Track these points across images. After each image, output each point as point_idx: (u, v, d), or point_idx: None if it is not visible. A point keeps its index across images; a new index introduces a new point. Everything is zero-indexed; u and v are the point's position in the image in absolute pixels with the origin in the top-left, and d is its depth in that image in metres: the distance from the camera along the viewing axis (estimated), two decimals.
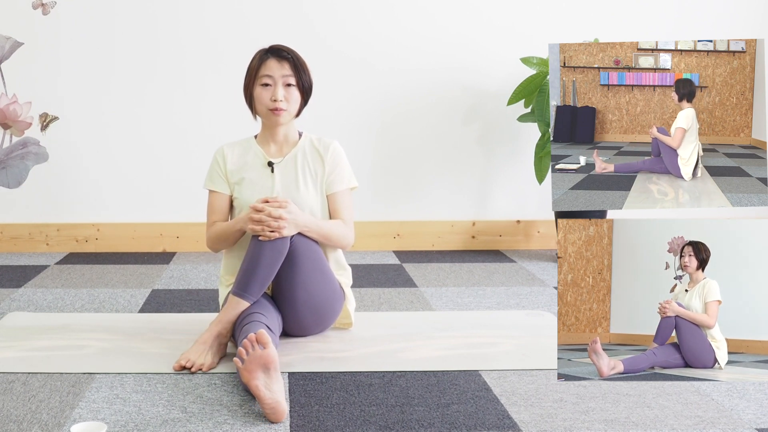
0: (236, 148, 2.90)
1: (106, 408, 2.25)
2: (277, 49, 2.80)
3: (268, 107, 2.78)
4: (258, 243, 2.63)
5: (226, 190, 2.87)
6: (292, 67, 2.78)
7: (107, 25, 4.49)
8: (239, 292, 2.63)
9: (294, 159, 2.85)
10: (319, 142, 2.89)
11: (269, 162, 2.84)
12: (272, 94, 2.76)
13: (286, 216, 2.63)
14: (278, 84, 2.76)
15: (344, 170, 2.88)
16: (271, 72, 2.77)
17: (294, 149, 2.86)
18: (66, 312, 3.28)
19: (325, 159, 2.85)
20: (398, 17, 4.60)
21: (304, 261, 2.69)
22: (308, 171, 2.84)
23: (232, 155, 2.88)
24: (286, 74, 2.77)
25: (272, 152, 2.87)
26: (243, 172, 2.85)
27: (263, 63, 2.78)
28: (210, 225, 2.88)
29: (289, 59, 2.78)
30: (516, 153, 4.70)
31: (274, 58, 2.78)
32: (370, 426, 2.14)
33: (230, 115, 4.55)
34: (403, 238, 4.69)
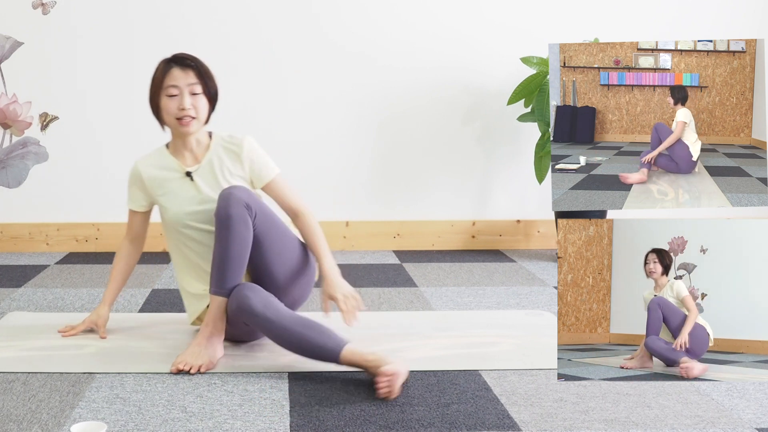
0: (150, 163, 2.85)
1: (106, 408, 2.25)
2: (180, 58, 2.75)
3: (176, 117, 2.72)
4: (222, 237, 2.61)
5: (145, 206, 2.89)
6: (197, 74, 2.72)
7: (107, 25, 4.49)
8: (217, 290, 2.62)
9: (210, 164, 2.80)
10: (230, 141, 2.83)
11: (187, 172, 2.79)
12: (179, 103, 2.71)
13: (350, 291, 2.68)
14: (184, 93, 2.71)
15: (265, 161, 2.84)
16: (176, 82, 2.71)
17: (208, 154, 2.81)
18: (66, 312, 3.28)
19: (242, 157, 2.80)
20: (400, 15, 4.60)
21: (271, 238, 2.69)
22: (227, 173, 2.80)
23: (147, 170, 2.84)
24: (191, 82, 2.72)
25: (187, 161, 2.82)
26: (164, 186, 2.82)
27: (167, 73, 2.72)
28: (125, 237, 2.98)
29: (193, 67, 2.73)
30: (516, 153, 4.70)
31: (177, 67, 2.72)
32: (370, 426, 2.14)
33: (230, 115, 4.55)
34: (403, 237, 4.69)
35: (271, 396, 2.35)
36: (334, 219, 4.62)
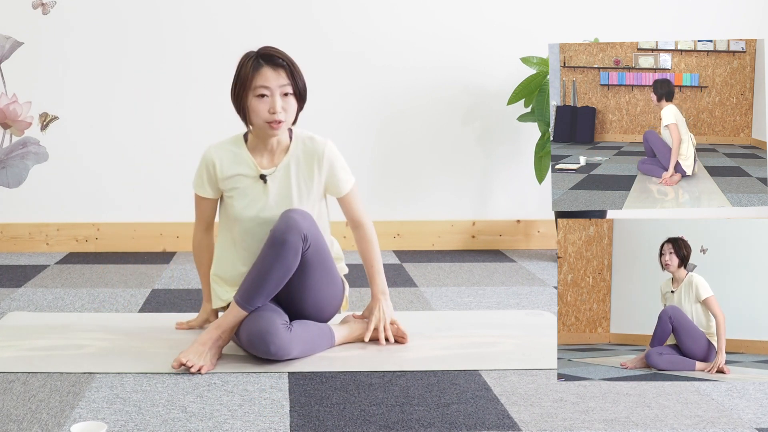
0: (225, 153, 2.76)
1: (106, 408, 2.25)
2: (271, 56, 2.62)
3: (266, 120, 2.62)
4: (269, 257, 2.58)
5: (214, 195, 2.79)
6: (288, 74, 2.62)
7: (107, 25, 4.49)
8: (243, 303, 2.60)
9: (287, 168, 2.72)
10: (312, 144, 2.75)
11: (261, 175, 2.72)
12: (270, 106, 2.60)
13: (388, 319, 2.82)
14: (276, 95, 2.61)
15: (344, 171, 2.80)
16: (267, 83, 2.60)
17: (286, 157, 2.73)
18: (66, 312, 3.28)
19: (322, 162, 2.74)
20: (399, 15, 4.60)
21: (314, 270, 2.67)
22: (302, 180, 2.73)
23: (221, 162, 2.74)
24: (283, 83, 2.61)
25: (264, 162, 2.73)
26: (235, 182, 2.73)
27: (258, 72, 2.61)
28: (197, 227, 2.88)
29: (284, 66, 2.62)
30: (516, 153, 4.70)
31: (269, 67, 2.61)
32: (370, 426, 2.14)
33: (230, 115, 4.54)
34: (403, 237, 4.69)
35: (271, 396, 2.35)
36: (334, 219, 4.61)
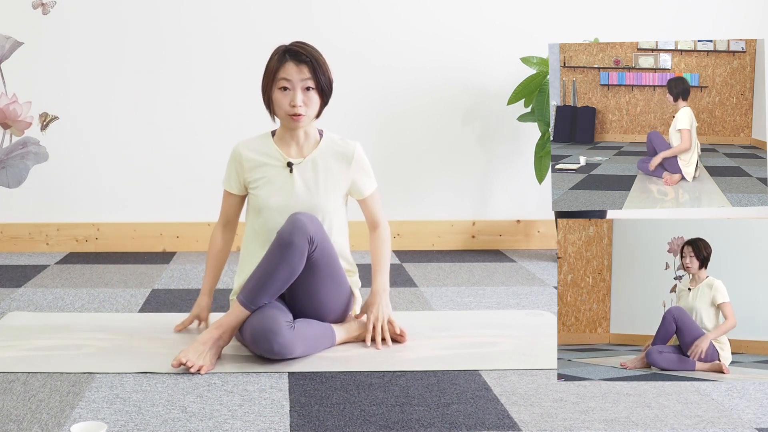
0: (252, 147, 2.83)
1: (106, 408, 2.25)
2: (296, 52, 2.70)
3: (287, 112, 2.71)
4: (274, 258, 2.61)
5: (240, 191, 2.87)
6: (311, 70, 2.69)
7: (107, 25, 4.49)
8: (246, 303, 2.62)
9: (314, 162, 2.79)
10: (341, 144, 2.83)
11: (288, 162, 2.78)
12: (291, 99, 2.69)
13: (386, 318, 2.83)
14: (297, 88, 2.68)
15: (369, 174, 2.88)
16: (289, 76, 2.68)
17: (315, 151, 2.80)
18: (66, 312, 3.28)
19: (350, 164, 2.82)
20: (399, 15, 4.60)
21: (320, 272, 2.69)
22: (329, 176, 2.80)
23: (248, 153, 2.81)
24: (304, 78, 2.68)
25: (292, 153, 2.81)
26: (261, 172, 2.79)
27: (281, 66, 2.70)
28: (218, 222, 2.95)
29: (308, 62, 2.69)
30: (516, 153, 4.70)
31: (292, 62, 2.69)
32: (370, 426, 2.14)
33: (230, 115, 4.55)
34: (403, 237, 4.69)
35: (271, 396, 2.35)
36: None
